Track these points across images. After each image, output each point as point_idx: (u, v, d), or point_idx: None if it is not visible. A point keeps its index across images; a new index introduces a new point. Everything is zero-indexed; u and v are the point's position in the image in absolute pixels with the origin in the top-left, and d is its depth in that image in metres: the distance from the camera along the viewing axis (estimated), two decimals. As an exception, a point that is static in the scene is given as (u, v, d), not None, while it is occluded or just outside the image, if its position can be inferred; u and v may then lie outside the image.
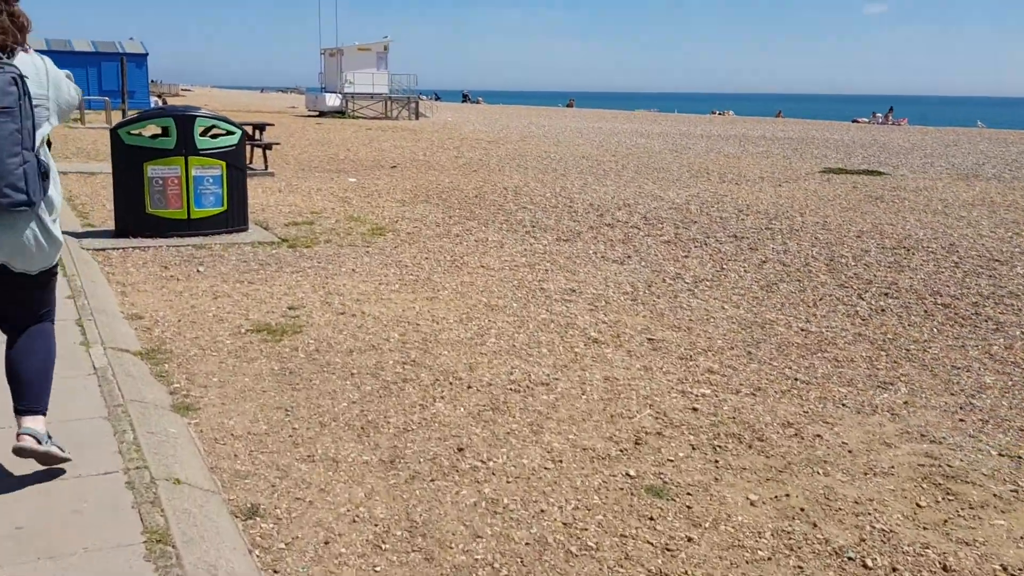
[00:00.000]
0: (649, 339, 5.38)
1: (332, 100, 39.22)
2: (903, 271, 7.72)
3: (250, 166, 13.81)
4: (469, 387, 4.34)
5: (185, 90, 77.15)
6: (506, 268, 7.35)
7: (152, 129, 7.87)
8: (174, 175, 7.76)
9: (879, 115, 42.72)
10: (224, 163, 7.95)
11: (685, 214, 10.74)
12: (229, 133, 8.00)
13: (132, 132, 7.67)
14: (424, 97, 40.75)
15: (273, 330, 5.21)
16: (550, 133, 29.89)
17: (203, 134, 7.84)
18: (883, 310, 6.37)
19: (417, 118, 40.15)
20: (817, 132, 33.54)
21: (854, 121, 42.91)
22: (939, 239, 9.35)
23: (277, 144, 14.65)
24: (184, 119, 7.70)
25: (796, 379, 4.71)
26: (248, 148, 14.70)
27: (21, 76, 2.71)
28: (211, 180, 7.91)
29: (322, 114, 39.66)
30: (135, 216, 7.74)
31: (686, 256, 8.15)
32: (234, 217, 8.13)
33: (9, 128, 2.66)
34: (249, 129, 14.54)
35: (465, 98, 67.98)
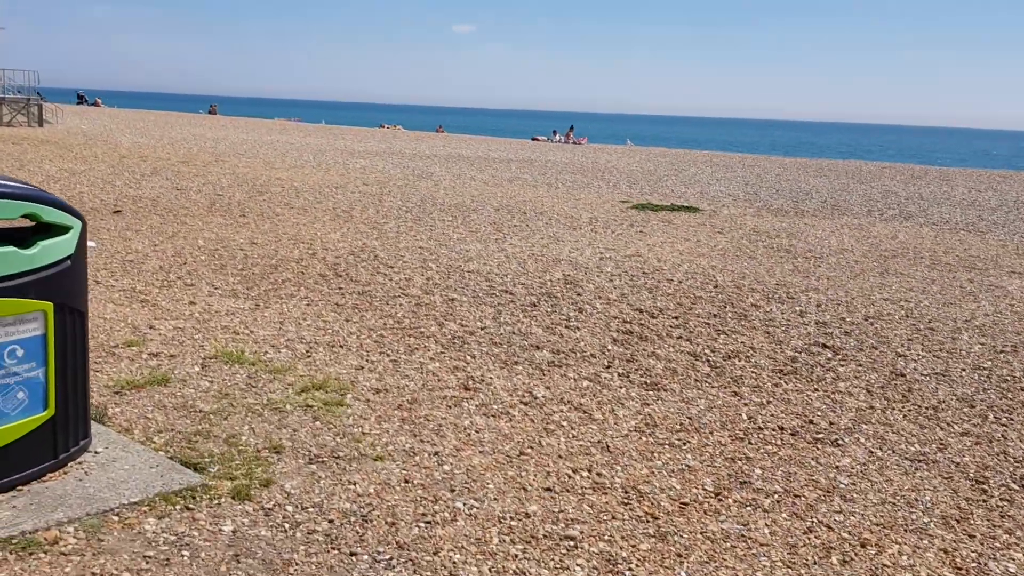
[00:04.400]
0: None
1: (-83, 99, 29.81)
2: None
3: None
4: None
5: None
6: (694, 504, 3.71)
7: None
8: (-76, 353, 2.95)
9: (559, 134, 42.88)
10: (51, 305, 3.28)
11: (644, 297, 7.64)
12: (57, 229, 3.33)
13: None
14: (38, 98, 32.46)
15: None
16: (242, 149, 24.91)
17: (2, 238, 3.15)
18: None
19: (41, 124, 32.19)
20: (524, 152, 32.19)
21: (534, 139, 42.63)
22: (979, 320, 7.31)
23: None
24: None
25: None
26: None
27: None
28: (21, 353, 3.21)
29: (-100, 117, 30.04)
30: None
31: (819, 409, 5.09)
32: (68, 427, 3.46)
33: None
34: None
35: (81, 99, 57.50)
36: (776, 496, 3.77)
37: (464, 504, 3.44)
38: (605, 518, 3.42)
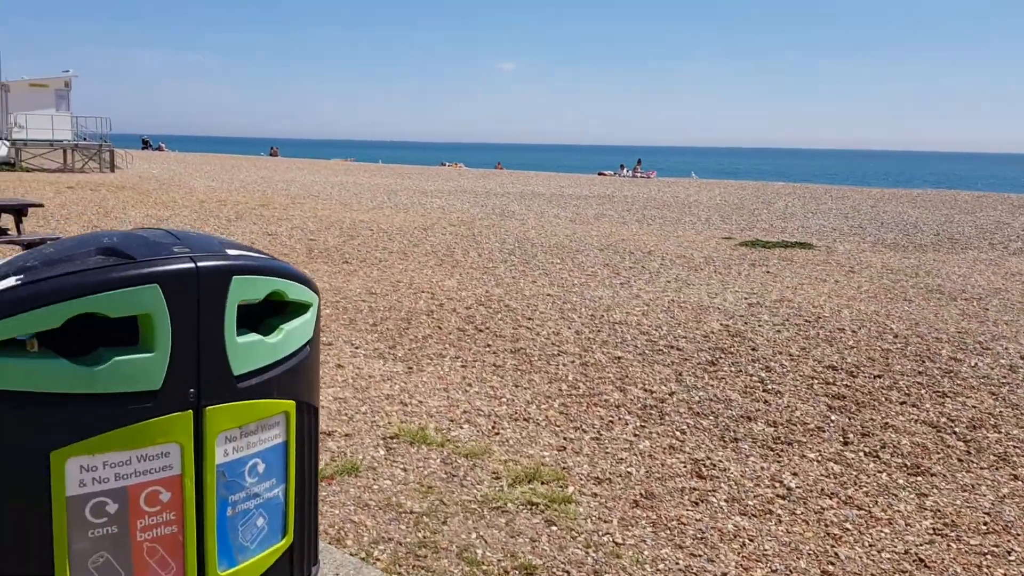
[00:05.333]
0: None
1: (-4, 148, 30.22)
2: None
3: None
4: None
5: None
6: None
7: (40, 322, 2.18)
8: (160, 478, 2.27)
9: (627, 169, 42.19)
10: (292, 404, 2.59)
11: (827, 351, 6.80)
12: (296, 308, 2.65)
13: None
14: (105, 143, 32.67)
15: None
16: (314, 191, 24.66)
17: (245, 321, 2.46)
18: None
19: (113, 170, 32.43)
20: (596, 187, 31.57)
21: (600, 174, 42.00)
22: None
23: (55, 239, 8.37)
24: (199, 277, 2.26)
25: None
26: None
27: None
28: (262, 468, 2.52)
29: (-23, 165, 30.46)
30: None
31: None
32: (304, 554, 2.76)
33: None
34: (-11, 213, 8.32)
35: (146, 144, 58.43)
36: None
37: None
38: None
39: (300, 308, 2.64)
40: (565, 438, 4.66)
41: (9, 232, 8.27)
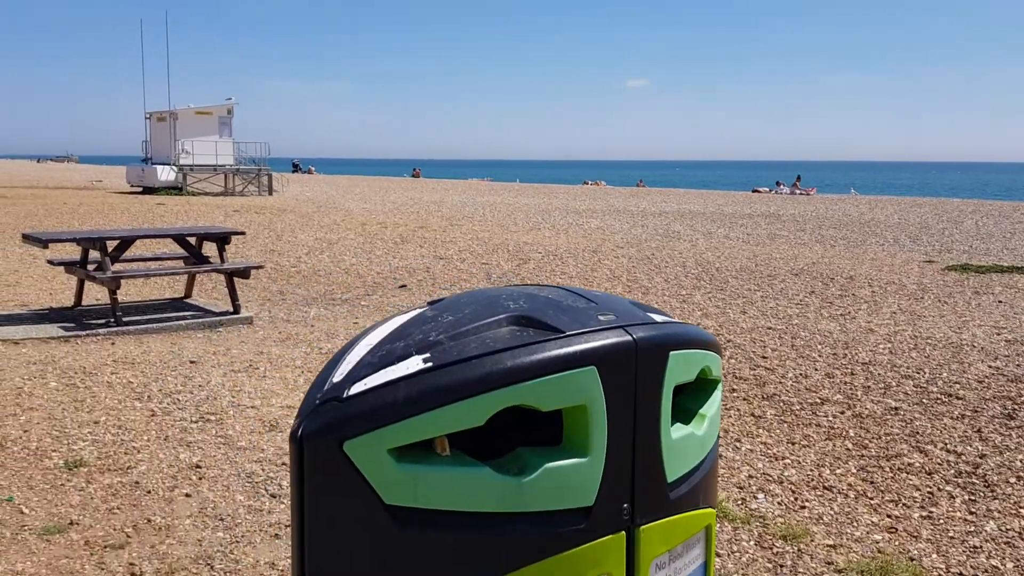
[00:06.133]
0: None
1: (165, 173, 31.69)
2: None
3: (196, 303, 7.34)
4: None
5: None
6: None
7: (463, 419, 1.60)
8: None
9: (784, 186, 40.48)
10: (713, 513, 1.95)
11: None
12: (710, 386, 2.01)
13: (404, 456, 1.52)
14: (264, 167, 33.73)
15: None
16: (466, 211, 24.53)
17: (680, 410, 1.85)
18: None
19: (271, 193, 33.48)
20: (755, 205, 30.25)
21: (754, 191, 40.45)
22: None
23: (259, 267, 8.18)
24: (636, 354, 1.65)
25: None
26: (189, 276, 8.29)
27: None
28: (686, 601, 1.89)
29: (148, 190, 32.05)
30: None
31: None
32: None
33: None
34: (193, 240, 8.20)
35: (296, 168, 60.63)
36: None
37: None
38: None
39: (712, 387, 2.02)
40: (889, 515, 3.88)
41: (212, 260, 8.16)
